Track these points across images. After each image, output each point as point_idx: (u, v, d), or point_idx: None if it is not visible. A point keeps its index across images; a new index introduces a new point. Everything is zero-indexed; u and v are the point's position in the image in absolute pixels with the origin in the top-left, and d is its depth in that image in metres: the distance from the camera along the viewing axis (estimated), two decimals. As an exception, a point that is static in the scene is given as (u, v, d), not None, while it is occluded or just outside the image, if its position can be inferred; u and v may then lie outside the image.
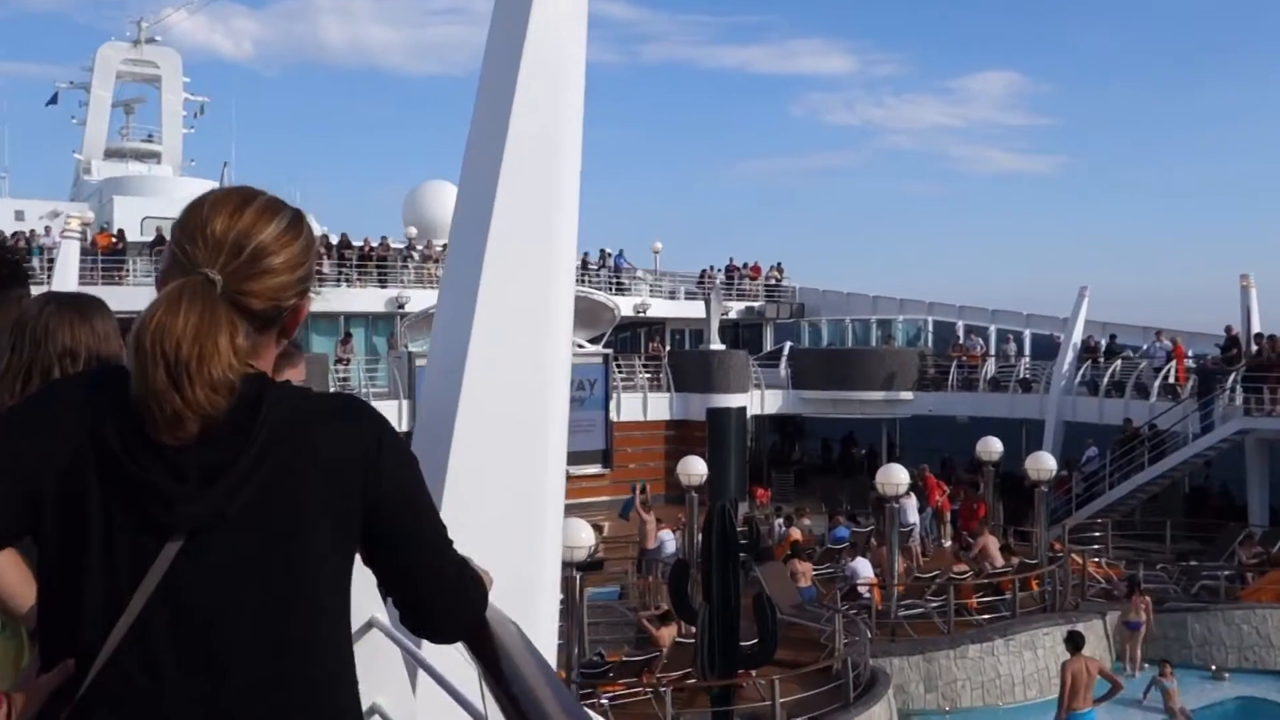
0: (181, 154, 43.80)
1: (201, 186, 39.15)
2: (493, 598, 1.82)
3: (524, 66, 3.13)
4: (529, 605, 3.12)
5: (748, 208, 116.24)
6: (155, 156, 42.78)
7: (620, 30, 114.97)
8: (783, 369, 33.35)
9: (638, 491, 21.87)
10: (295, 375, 2.08)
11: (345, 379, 27.41)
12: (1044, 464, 18.86)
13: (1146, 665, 17.43)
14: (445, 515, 3.05)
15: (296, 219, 1.58)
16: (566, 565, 12.22)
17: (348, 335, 30.09)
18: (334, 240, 32.65)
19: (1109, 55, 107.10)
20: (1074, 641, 13.86)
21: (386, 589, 1.60)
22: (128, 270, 27.21)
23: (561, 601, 12.24)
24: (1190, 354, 27.24)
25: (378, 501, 1.51)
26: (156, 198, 35.53)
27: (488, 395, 3.06)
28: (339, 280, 31.18)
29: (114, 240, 28.70)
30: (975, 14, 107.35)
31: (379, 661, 2.62)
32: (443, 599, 1.62)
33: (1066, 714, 13.34)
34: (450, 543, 1.63)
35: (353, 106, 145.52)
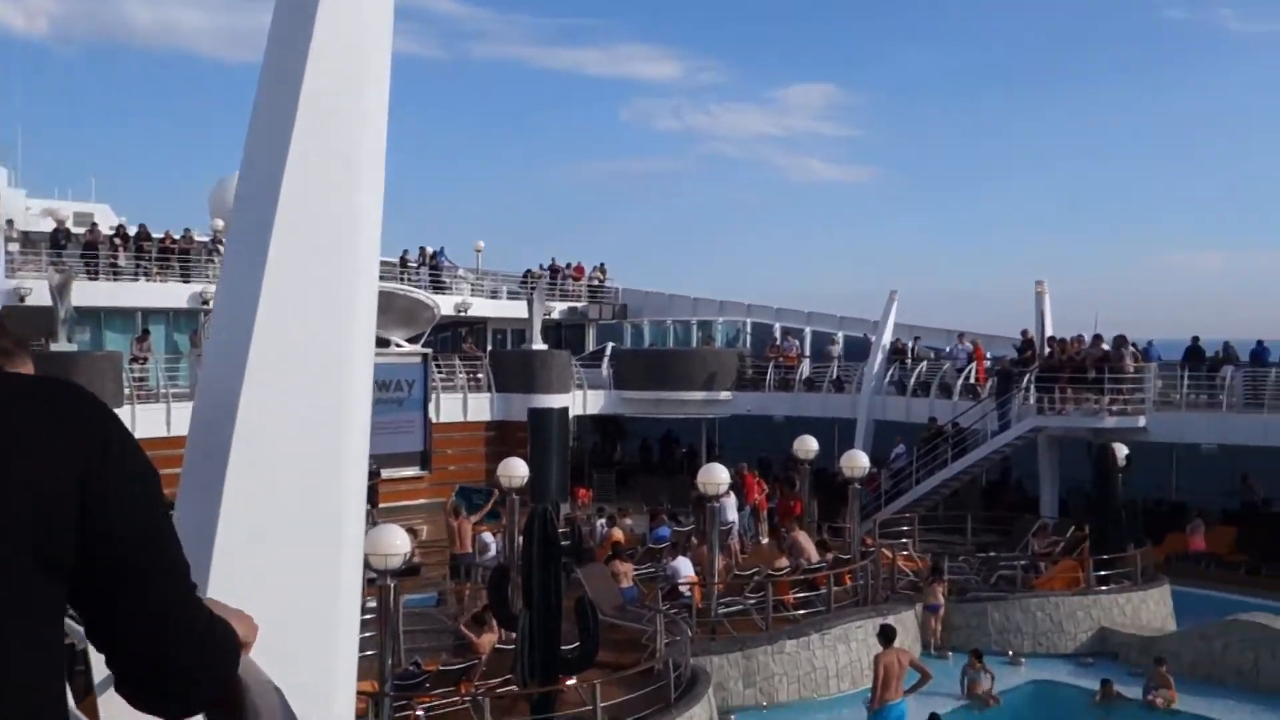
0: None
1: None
2: (279, 621, 1.51)
3: (318, 30, 2.80)
4: (325, 620, 2.80)
5: (576, 209, 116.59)
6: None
7: (448, 26, 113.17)
8: (605, 369, 33.39)
9: (449, 500, 21.45)
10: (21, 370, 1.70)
11: (142, 379, 25.75)
12: (858, 462, 19.44)
13: (951, 654, 18.21)
14: (224, 526, 2.71)
15: None
16: (381, 573, 11.72)
17: (145, 332, 28.33)
18: (131, 231, 30.74)
19: (921, 71, 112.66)
20: (886, 635, 14.28)
21: (100, 644, 1.22)
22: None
23: (372, 610, 11.74)
24: (989, 356, 28.74)
25: (97, 528, 1.15)
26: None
27: (274, 393, 2.72)
28: (136, 274, 29.35)
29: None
30: (795, 26, 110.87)
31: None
32: (179, 658, 1.22)
33: (879, 705, 13.72)
34: (193, 585, 1.26)
35: (158, 91, 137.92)
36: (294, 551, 2.81)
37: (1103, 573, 19.22)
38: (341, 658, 2.88)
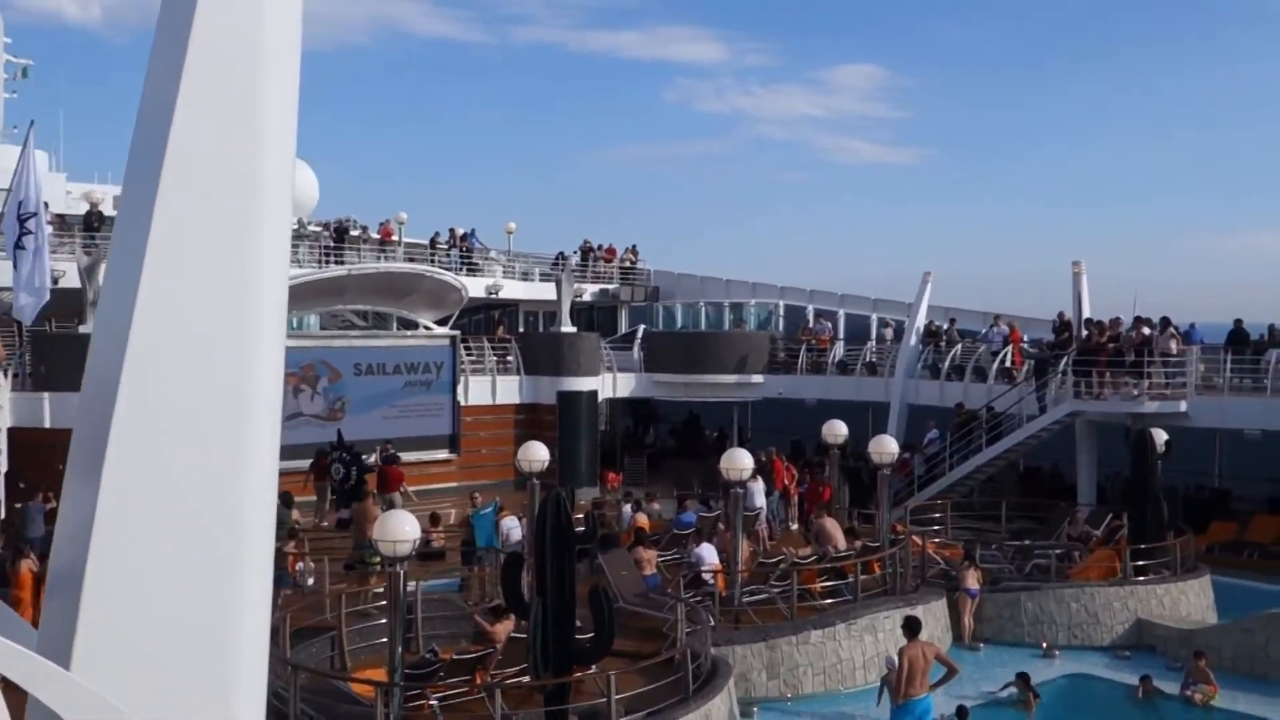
0: (2, 120, 40.71)
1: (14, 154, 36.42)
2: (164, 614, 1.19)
3: None
4: (220, 612, 2.51)
5: (614, 192, 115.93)
6: (-26, 122, 39.49)
7: (490, 10, 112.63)
8: (636, 352, 33.08)
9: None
10: None
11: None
12: (886, 447, 18.98)
13: (983, 646, 17.77)
14: (102, 512, 2.41)
15: None
16: (391, 560, 11.51)
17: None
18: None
19: (965, 51, 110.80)
20: (910, 627, 13.88)
21: None
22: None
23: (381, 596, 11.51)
24: (1025, 338, 28.10)
25: None
26: (-27, 167, 32.87)
27: (157, 376, 2.42)
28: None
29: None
30: (841, 6, 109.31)
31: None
32: None
33: (902, 699, 13.35)
34: None
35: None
36: (183, 543, 2.51)
37: (1140, 562, 18.65)
38: (244, 653, 2.57)
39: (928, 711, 13.51)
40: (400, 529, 11.32)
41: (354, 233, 35.49)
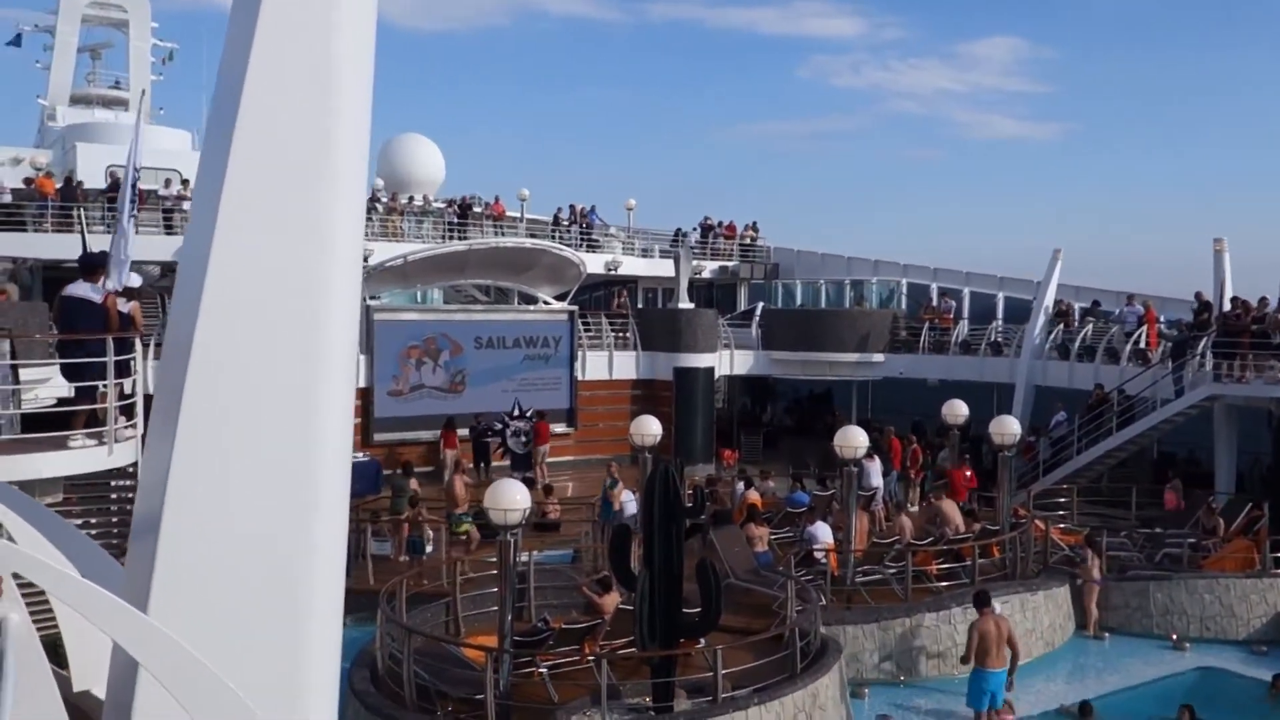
0: (150, 101, 42.64)
1: (170, 135, 38.19)
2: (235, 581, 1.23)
3: None
4: (293, 578, 2.59)
5: (739, 170, 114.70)
6: (123, 104, 41.57)
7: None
8: (754, 329, 32.84)
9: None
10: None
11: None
12: (1008, 428, 18.41)
13: (1108, 635, 17.16)
14: (177, 471, 2.50)
15: None
16: (501, 528, 11.71)
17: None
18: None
19: (1110, 22, 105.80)
20: (980, 600, 13.78)
21: None
22: (75, 217, 26.35)
23: (492, 564, 11.72)
24: (1161, 319, 26.86)
25: None
26: (120, 145, 34.54)
27: (231, 333, 2.49)
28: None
29: (58, 186, 27.83)
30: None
31: None
32: None
33: (974, 670, 13.36)
34: None
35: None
36: (257, 503, 2.58)
37: (1281, 554, 17.72)
38: (316, 602, 2.64)
39: (1000, 685, 13.49)
40: (511, 498, 11.50)
41: (477, 209, 36.11)
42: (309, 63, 2.53)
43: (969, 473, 21.96)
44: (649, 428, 17.14)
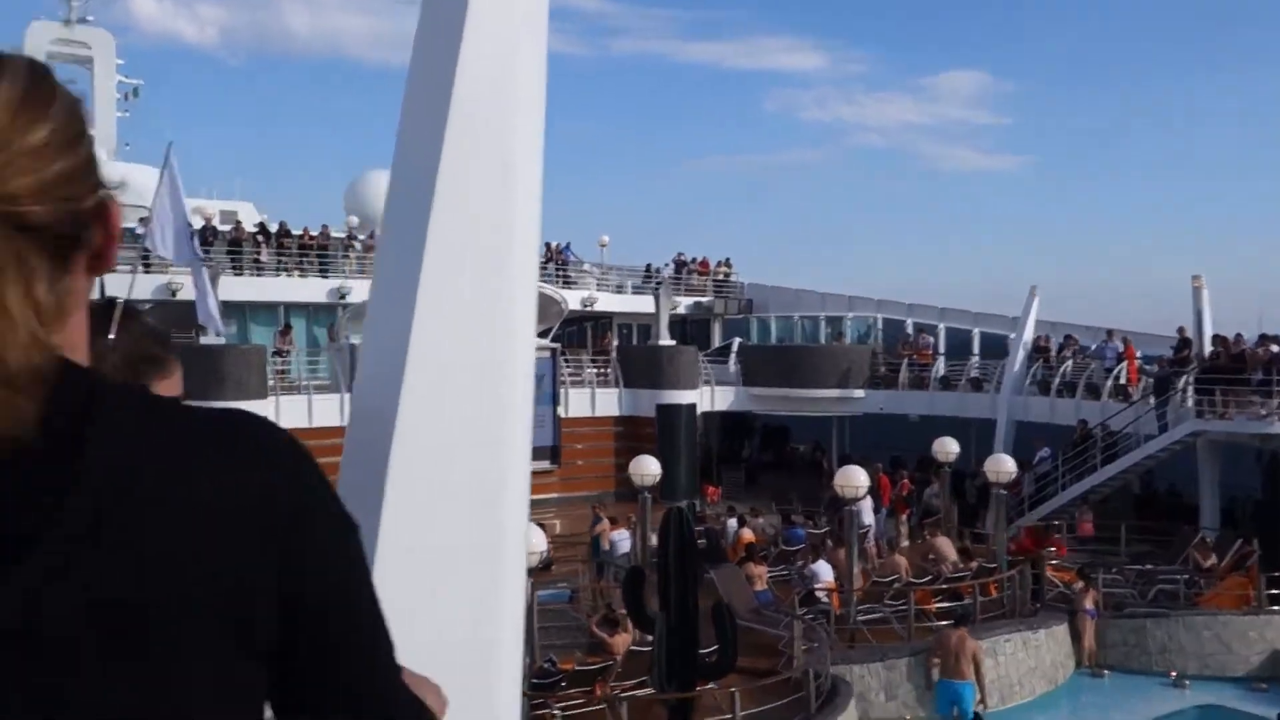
0: (115, 138, 42.24)
1: (137, 171, 37.79)
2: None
3: (468, 30, 2.60)
4: (491, 638, 2.55)
5: (708, 204, 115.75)
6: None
7: (589, 23, 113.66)
8: (732, 365, 32.87)
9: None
10: (168, 389, 1.37)
11: (284, 371, 26.39)
12: (1003, 466, 18.50)
13: (1108, 673, 17.17)
14: (385, 546, 2.45)
15: (36, 74, 0.86)
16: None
17: (287, 326, 29.03)
18: (273, 229, 31.56)
19: (1072, 55, 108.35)
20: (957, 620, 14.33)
21: None
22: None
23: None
24: (1140, 355, 27.20)
25: (299, 594, 0.86)
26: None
27: (433, 404, 2.52)
28: (278, 269, 30.10)
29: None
30: (946, 11, 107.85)
31: None
32: None
33: (938, 681, 13.64)
34: (398, 666, 0.96)
35: (307, 94, 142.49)
36: (454, 566, 2.56)
37: (1275, 591, 17.86)
38: (505, 678, 2.62)
39: (969, 696, 13.79)
40: (530, 540, 11.31)
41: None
42: (495, 150, 2.68)
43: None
44: (648, 467, 17.04)
